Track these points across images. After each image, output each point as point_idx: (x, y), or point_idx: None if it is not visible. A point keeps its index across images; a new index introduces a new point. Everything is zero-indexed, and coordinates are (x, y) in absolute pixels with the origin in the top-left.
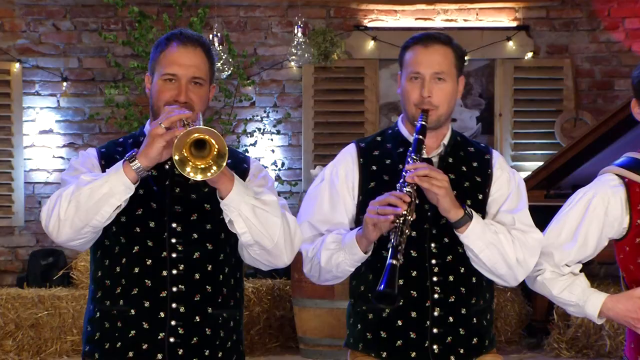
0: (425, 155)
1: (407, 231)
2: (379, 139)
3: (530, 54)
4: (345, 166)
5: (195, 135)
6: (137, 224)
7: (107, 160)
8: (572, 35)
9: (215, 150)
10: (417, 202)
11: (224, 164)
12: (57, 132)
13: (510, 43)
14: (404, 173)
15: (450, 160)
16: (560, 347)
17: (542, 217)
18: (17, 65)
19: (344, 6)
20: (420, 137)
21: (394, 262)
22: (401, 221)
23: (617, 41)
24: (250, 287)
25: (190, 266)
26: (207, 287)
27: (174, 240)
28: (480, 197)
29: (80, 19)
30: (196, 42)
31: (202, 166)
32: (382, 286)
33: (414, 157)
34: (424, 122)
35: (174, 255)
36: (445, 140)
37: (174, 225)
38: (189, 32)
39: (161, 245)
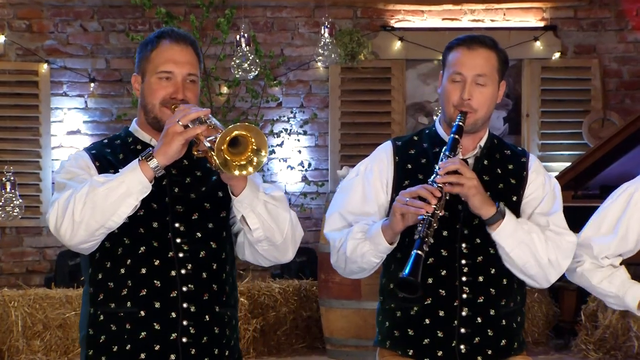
0: (460, 156)
1: (435, 225)
2: (415, 138)
3: (557, 54)
4: (379, 163)
5: (230, 135)
6: (140, 225)
7: (100, 162)
8: (600, 35)
9: (253, 143)
10: (447, 198)
11: (265, 153)
12: (84, 133)
13: (538, 43)
14: (436, 170)
15: (486, 162)
16: (587, 348)
17: (570, 217)
18: (45, 66)
19: (371, 6)
20: (456, 136)
21: (419, 252)
22: (430, 214)
23: None
24: (277, 288)
25: (198, 265)
26: (214, 285)
27: (178, 240)
28: (515, 199)
29: (108, 20)
30: (187, 40)
31: (244, 162)
32: (406, 273)
33: (448, 155)
34: (461, 123)
35: (180, 255)
36: (482, 143)
37: (177, 225)
38: (178, 30)
39: (166, 245)
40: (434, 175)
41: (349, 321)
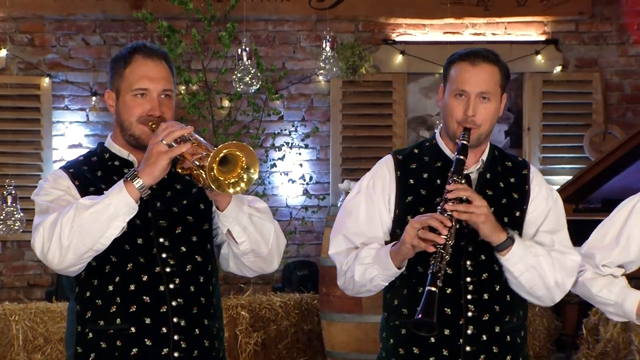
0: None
1: (447, 257)
2: (416, 151)
3: (559, 68)
4: (382, 179)
5: (219, 156)
6: (125, 242)
7: (80, 181)
8: (602, 49)
9: (242, 160)
10: (457, 227)
11: (255, 170)
12: (86, 147)
13: (539, 57)
14: (445, 196)
15: (488, 175)
16: None
17: (571, 231)
18: (47, 80)
19: (373, 20)
20: (461, 157)
21: (433, 289)
22: (441, 247)
23: None
24: (278, 302)
25: (185, 279)
26: (202, 298)
27: (164, 255)
28: (518, 214)
29: (110, 34)
30: (160, 54)
31: (235, 179)
32: (420, 314)
33: (455, 179)
34: (465, 142)
35: (167, 269)
36: (484, 156)
37: (161, 239)
38: (150, 44)
39: (153, 260)
40: (443, 201)
41: (350, 335)
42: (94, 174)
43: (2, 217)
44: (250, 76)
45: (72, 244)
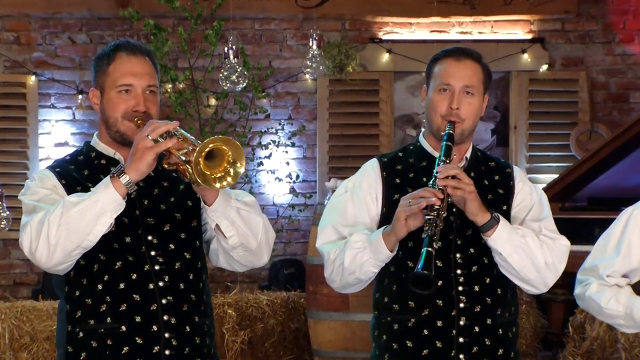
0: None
1: (440, 224)
2: (400, 154)
3: (545, 67)
4: (368, 178)
5: (206, 150)
6: (113, 240)
7: (67, 180)
8: (588, 47)
9: (229, 155)
10: (449, 200)
11: (241, 164)
12: (72, 145)
13: (525, 55)
14: (435, 174)
15: (472, 174)
16: (575, 359)
17: (558, 229)
18: (33, 78)
19: (359, 19)
20: (449, 143)
21: (430, 249)
22: (435, 214)
23: (633, 54)
24: (265, 300)
25: (174, 277)
26: (192, 296)
27: (153, 253)
28: (504, 208)
29: (96, 32)
30: (144, 51)
31: (221, 174)
32: (420, 267)
33: (444, 160)
34: (451, 132)
35: (156, 267)
36: (467, 154)
37: (149, 237)
38: (133, 41)
39: (142, 259)
40: (433, 179)
41: (337, 333)
42: (80, 172)
43: None
44: (236, 74)
45: (59, 242)
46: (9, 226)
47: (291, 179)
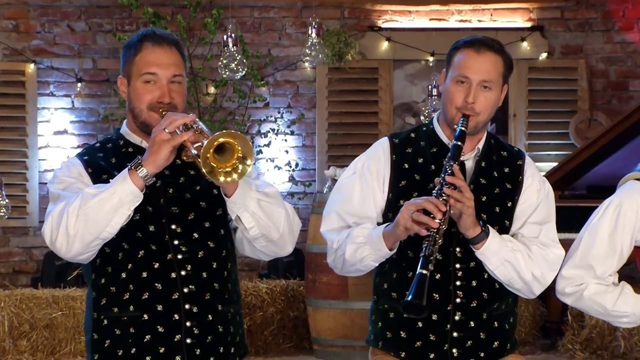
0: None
1: (439, 241)
2: (412, 135)
3: (544, 55)
4: (377, 161)
5: (216, 142)
6: (137, 229)
7: (93, 169)
8: (587, 35)
9: (239, 151)
10: (451, 212)
11: (250, 161)
12: (71, 133)
13: (525, 44)
14: (441, 180)
15: (483, 164)
16: (574, 348)
17: (557, 217)
18: (32, 66)
19: (358, 7)
20: (459, 143)
21: (424, 272)
22: (435, 230)
23: (632, 42)
24: (265, 288)
25: (197, 266)
26: (215, 284)
27: (176, 242)
28: (509, 204)
29: (95, 20)
30: (170, 40)
31: (229, 169)
32: (410, 296)
33: (451, 164)
34: (463, 128)
35: (179, 256)
36: (480, 145)
37: (173, 226)
38: (161, 31)
39: (165, 247)
40: (440, 185)
41: (336, 321)
42: (108, 161)
43: None
44: (235, 63)
45: (78, 233)
46: (8, 214)
47: (290, 167)
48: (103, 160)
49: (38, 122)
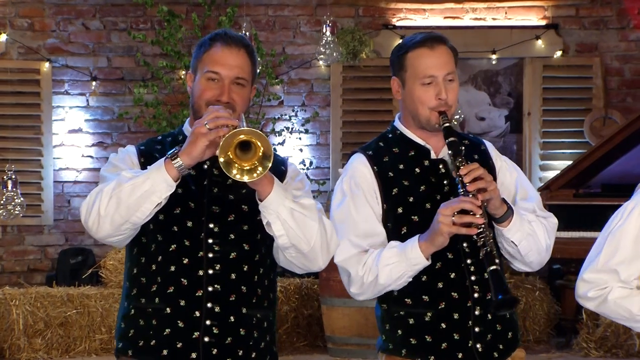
0: (433, 157)
1: (490, 235)
2: (381, 144)
3: (559, 53)
4: (362, 176)
5: (241, 137)
6: (174, 223)
7: (145, 158)
8: (602, 33)
9: (261, 151)
10: (486, 205)
11: (269, 165)
12: (86, 131)
13: (539, 42)
14: (458, 179)
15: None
16: (589, 346)
17: (571, 215)
18: (47, 64)
19: (373, 5)
20: (452, 139)
21: (495, 267)
22: (483, 228)
23: None
24: (279, 286)
25: (226, 266)
26: (243, 287)
27: (210, 241)
28: None
29: (110, 19)
30: (240, 43)
31: (248, 167)
32: (500, 295)
33: (460, 160)
34: (447, 124)
35: (210, 255)
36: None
37: (211, 225)
38: (232, 33)
39: (198, 244)
40: (460, 184)
41: (350, 319)
42: (163, 153)
43: (2, 201)
44: None
45: (109, 214)
46: (23, 212)
47: (304, 165)
48: (159, 152)
49: (53, 120)
